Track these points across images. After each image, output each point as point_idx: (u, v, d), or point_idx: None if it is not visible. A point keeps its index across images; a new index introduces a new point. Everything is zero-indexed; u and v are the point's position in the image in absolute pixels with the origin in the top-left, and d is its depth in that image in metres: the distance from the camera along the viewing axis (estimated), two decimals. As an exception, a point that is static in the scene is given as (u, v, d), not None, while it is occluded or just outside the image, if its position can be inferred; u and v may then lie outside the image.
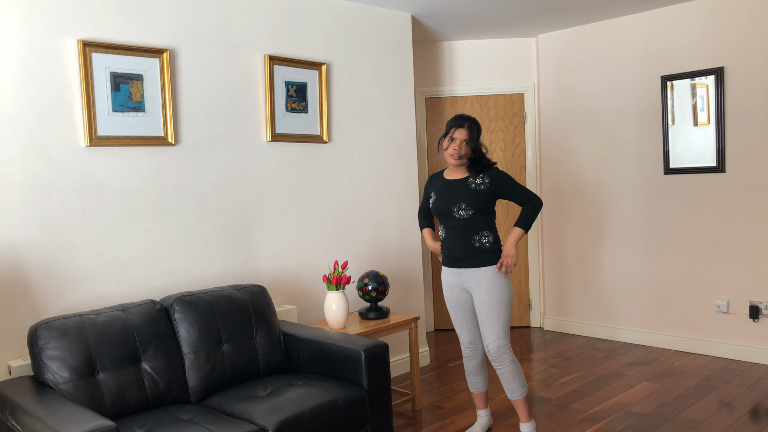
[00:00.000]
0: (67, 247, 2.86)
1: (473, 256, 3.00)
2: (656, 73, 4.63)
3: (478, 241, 3.00)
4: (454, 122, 3.01)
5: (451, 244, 3.05)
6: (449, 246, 3.07)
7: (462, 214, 2.98)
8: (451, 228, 3.04)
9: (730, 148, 4.30)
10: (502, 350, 3.00)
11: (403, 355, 4.41)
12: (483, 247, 2.99)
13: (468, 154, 3.00)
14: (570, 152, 5.17)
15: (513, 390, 3.06)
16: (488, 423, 3.32)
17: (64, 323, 2.50)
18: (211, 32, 3.37)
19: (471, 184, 3.00)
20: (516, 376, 3.03)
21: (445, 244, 3.09)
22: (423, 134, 5.42)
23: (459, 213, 2.99)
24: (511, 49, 5.40)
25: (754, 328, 4.30)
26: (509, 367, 3.02)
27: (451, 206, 3.00)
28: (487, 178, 3.00)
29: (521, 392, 3.06)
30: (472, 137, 2.99)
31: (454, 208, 3.00)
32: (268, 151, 3.62)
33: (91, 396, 2.44)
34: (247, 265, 3.52)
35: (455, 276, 3.08)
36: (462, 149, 2.97)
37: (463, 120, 3.00)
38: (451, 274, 3.10)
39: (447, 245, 3.08)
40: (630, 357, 4.55)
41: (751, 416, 3.39)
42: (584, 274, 5.18)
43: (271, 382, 2.83)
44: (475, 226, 2.99)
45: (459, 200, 2.98)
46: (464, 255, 3.02)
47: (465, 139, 2.97)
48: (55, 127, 2.83)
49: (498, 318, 2.98)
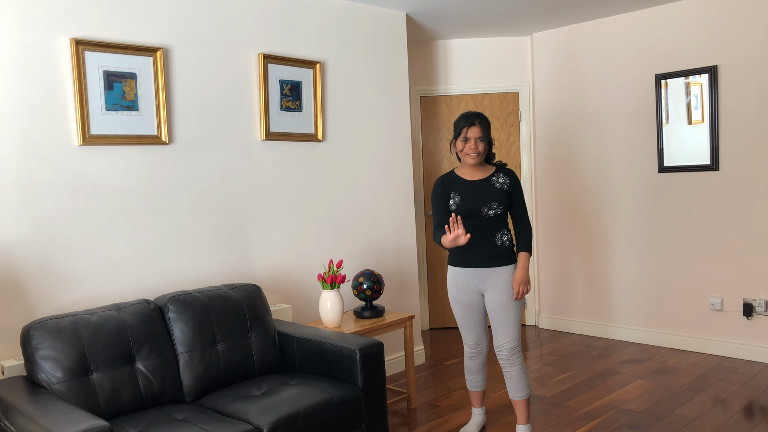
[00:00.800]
0: (61, 246, 2.85)
1: (495, 255, 2.99)
2: (650, 72, 4.64)
3: (500, 239, 3.01)
4: (465, 121, 2.99)
5: (475, 243, 2.98)
6: (473, 245, 2.98)
7: (491, 213, 2.98)
8: (475, 227, 2.99)
9: (723, 146, 4.32)
10: (515, 351, 3.02)
11: (398, 354, 4.41)
12: (504, 245, 3.01)
13: (485, 150, 3.01)
14: (565, 151, 5.18)
15: (517, 390, 3.06)
16: (483, 421, 3.33)
17: (58, 323, 2.49)
18: (205, 30, 3.36)
19: (496, 183, 3.02)
20: (523, 376, 3.05)
21: (467, 243, 2.95)
22: (418, 133, 5.42)
23: (489, 212, 2.98)
24: (506, 47, 5.40)
25: (747, 326, 4.31)
26: (518, 367, 3.04)
27: (481, 206, 2.97)
28: (507, 178, 3.04)
29: (525, 393, 3.07)
30: (485, 133, 2.99)
31: (484, 208, 2.97)
32: (262, 150, 3.62)
33: (85, 396, 2.43)
34: (241, 264, 3.51)
35: (471, 276, 3.02)
36: (478, 147, 2.98)
37: (473, 117, 2.99)
38: (467, 274, 3.03)
39: (469, 244, 2.97)
40: (625, 355, 4.56)
41: (744, 413, 3.40)
42: (579, 273, 5.19)
43: (265, 381, 2.83)
44: (499, 224, 3.01)
45: (490, 199, 2.97)
46: (487, 254, 2.99)
47: (479, 137, 2.97)
48: (48, 125, 2.81)
49: (514, 319, 2.99)
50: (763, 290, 4.23)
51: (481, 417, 3.32)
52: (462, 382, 4.10)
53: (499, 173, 3.06)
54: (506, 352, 3.02)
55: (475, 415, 3.32)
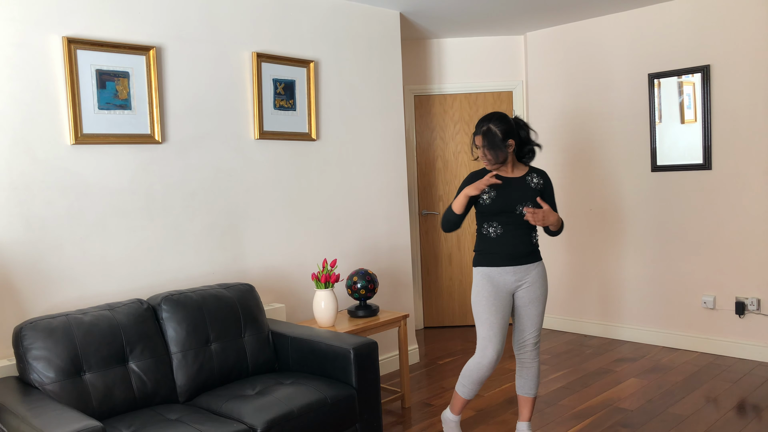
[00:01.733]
0: (53, 246, 2.84)
1: (532, 253, 3.00)
2: (644, 71, 4.66)
3: (534, 237, 3.02)
4: (476, 128, 2.95)
5: (511, 241, 2.96)
6: (509, 243, 2.96)
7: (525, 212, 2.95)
8: (511, 224, 2.96)
9: (716, 145, 4.33)
10: (538, 347, 3.06)
11: (392, 353, 4.41)
12: (536, 243, 3.04)
13: (502, 156, 2.92)
14: (558, 150, 5.19)
15: (533, 387, 3.07)
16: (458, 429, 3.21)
17: (50, 323, 2.47)
18: (199, 29, 3.34)
19: (531, 183, 2.99)
20: (539, 373, 3.09)
21: (504, 242, 2.95)
22: (412, 132, 5.42)
23: (523, 210, 2.95)
24: (500, 46, 5.40)
25: (740, 324, 4.34)
26: (537, 363, 3.06)
27: (516, 203, 2.94)
28: (541, 179, 3.02)
29: (536, 390, 3.10)
30: (490, 143, 2.90)
31: (519, 206, 2.94)
32: (256, 149, 3.61)
33: (78, 396, 2.42)
34: (235, 263, 3.50)
35: (510, 274, 2.97)
36: (487, 155, 2.92)
37: (481, 125, 2.93)
38: (505, 273, 2.97)
39: (507, 242, 2.95)
40: (618, 353, 4.57)
41: (737, 411, 3.42)
42: (572, 272, 5.20)
43: (259, 380, 2.82)
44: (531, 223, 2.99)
45: (525, 198, 2.94)
46: (526, 251, 2.98)
47: (484, 145, 2.91)
48: (40, 124, 2.80)
49: (543, 313, 3.04)
50: (755, 289, 4.25)
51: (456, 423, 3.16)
52: (455, 382, 4.09)
53: (533, 173, 3.02)
54: (531, 346, 3.02)
55: (451, 421, 3.16)
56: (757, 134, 4.16)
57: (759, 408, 3.45)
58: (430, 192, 5.47)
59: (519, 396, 3.11)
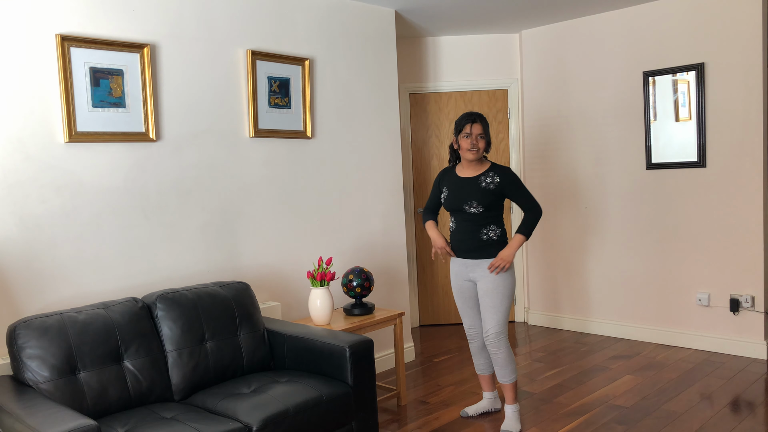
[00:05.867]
0: (47, 244, 2.82)
1: (481, 248, 3.19)
2: (638, 69, 4.66)
3: (485, 234, 3.19)
4: (467, 119, 3.17)
5: (461, 236, 3.23)
6: (459, 238, 3.24)
7: (473, 210, 3.16)
8: (462, 221, 3.23)
9: (710, 143, 4.35)
10: (500, 337, 3.19)
11: (388, 351, 4.41)
12: (490, 240, 3.19)
13: (484, 148, 3.19)
14: (553, 148, 5.20)
15: (504, 375, 3.24)
16: (493, 405, 3.49)
17: (44, 322, 2.46)
18: (193, 27, 3.33)
19: (482, 183, 3.18)
20: (508, 362, 3.23)
21: (456, 237, 3.27)
22: (407, 130, 5.42)
23: (470, 210, 3.16)
24: (495, 44, 5.41)
25: (734, 321, 4.35)
26: (503, 353, 3.21)
27: (462, 203, 3.17)
28: (497, 177, 3.18)
29: (511, 377, 3.25)
30: (486, 131, 3.18)
31: (465, 205, 3.17)
32: (251, 147, 3.60)
33: (72, 395, 2.41)
34: (230, 261, 3.50)
35: (463, 266, 3.27)
36: (479, 143, 3.16)
37: (474, 115, 3.18)
38: (460, 264, 3.29)
39: (457, 237, 3.26)
40: (613, 351, 4.58)
41: (731, 408, 3.43)
42: (568, 269, 5.21)
43: (255, 379, 2.82)
44: (483, 221, 3.18)
45: (470, 198, 3.16)
46: (472, 247, 3.21)
47: (480, 133, 3.16)
48: (34, 122, 2.78)
49: (500, 307, 3.17)
50: (749, 286, 4.27)
51: (490, 401, 3.48)
52: (452, 379, 4.11)
53: (490, 172, 3.20)
54: (492, 338, 3.20)
55: (486, 398, 3.49)
56: (751, 132, 4.17)
57: (753, 405, 3.46)
58: (426, 190, 5.47)
59: (499, 384, 3.36)
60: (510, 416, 3.27)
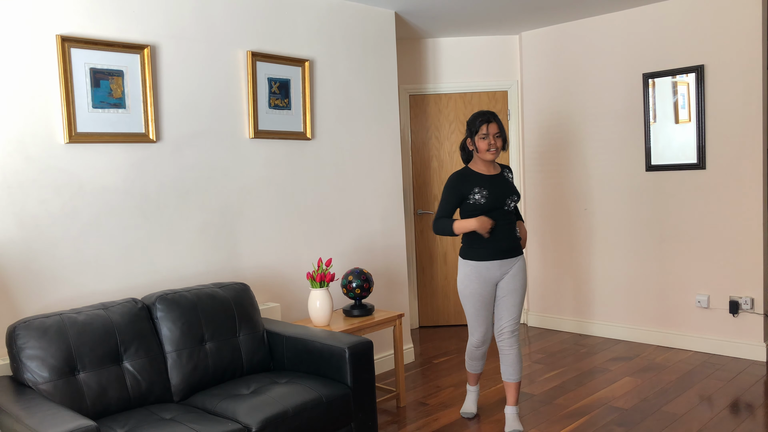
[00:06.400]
0: (47, 245, 2.82)
1: (517, 246, 3.22)
2: (638, 71, 4.67)
3: (516, 230, 3.24)
4: (482, 118, 3.13)
5: (500, 236, 3.15)
6: (499, 238, 3.15)
7: (512, 206, 3.19)
8: (499, 220, 3.15)
9: (710, 145, 4.35)
10: (515, 333, 3.22)
11: (387, 352, 4.41)
12: (518, 235, 3.24)
13: (501, 146, 3.17)
14: (553, 149, 5.20)
15: (514, 372, 3.24)
16: (477, 396, 3.55)
17: (44, 322, 2.46)
18: (193, 28, 3.34)
19: (509, 178, 3.24)
20: (519, 359, 3.26)
21: (492, 237, 3.13)
22: (407, 131, 5.42)
23: (510, 205, 3.17)
24: (495, 46, 5.41)
25: (733, 323, 4.35)
26: (516, 349, 3.24)
27: (505, 199, 3.16)
28: (510, 173, 3.28)
29: (519, 376, 3.26)
30: (501, 129, 3.16)
31: (508, 200, 3.16)
32: (250, 148, 3.60)
33: (72, 396, 2.41)
34: (229, 262, 3.50)
35: (496, 268, 3.16)
36: (497, 143, 3.14)
37: (488, 115, 3.15)
38: (493, 267, 3.16)
39: (494, 238, 3.14)
40: (612, 353, 4.58)
41: (731, 410, 3.43)
42: (567, 271, 5.21)
43: (254, 380, 2.82)
44: (514, 217, 3.24)
45: (511, 193, 3.18)
46: (511, 245, 3.19)
47: (496, 133, 3.14)
48: (34, 123, 2.79)
49: (522, 303, 3.25)
50: (748, 288, 4.27)
51: (475, 393, 3.52)
52: (451, 381, 4.11)
53: (504, 169, 3.27)
54: (507, 334, 3.20)
55: (471, 391, 3.52)
56: (750, 134, 4.17)
57: (752, 406, 3.46)
58: (425, 191, 5.47)
59: (504, 382, 3.30)
60: (513, 417, 3.26)
